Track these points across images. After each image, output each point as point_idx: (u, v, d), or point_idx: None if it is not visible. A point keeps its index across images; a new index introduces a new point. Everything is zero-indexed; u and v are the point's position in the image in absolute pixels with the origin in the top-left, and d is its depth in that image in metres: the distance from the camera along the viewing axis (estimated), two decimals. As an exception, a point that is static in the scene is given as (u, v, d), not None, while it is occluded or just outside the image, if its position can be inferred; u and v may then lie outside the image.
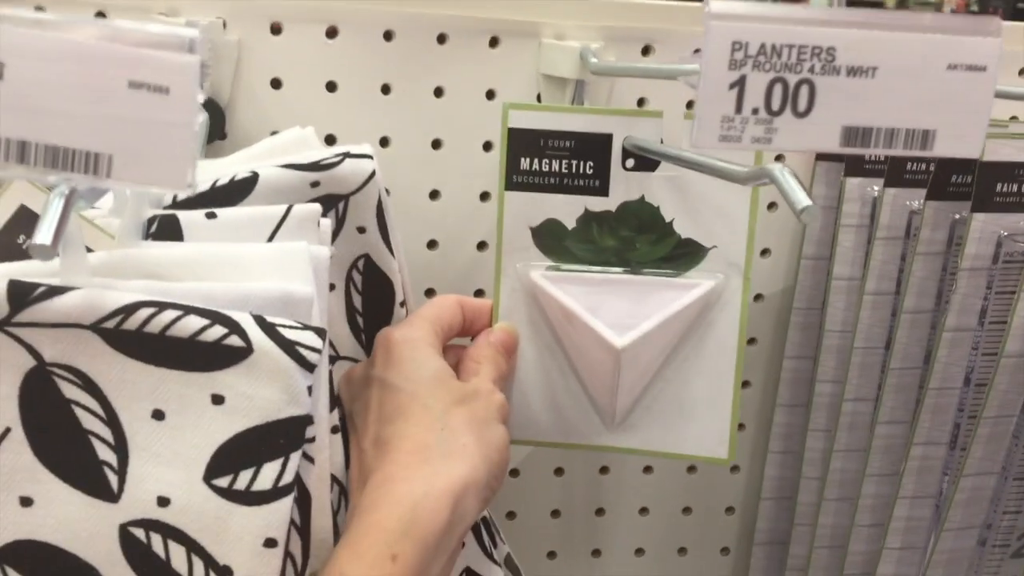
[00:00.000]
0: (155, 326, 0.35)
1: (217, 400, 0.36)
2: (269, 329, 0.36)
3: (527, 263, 0.52)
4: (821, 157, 0.66)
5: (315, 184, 0.45)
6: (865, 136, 0.31)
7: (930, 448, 0.58)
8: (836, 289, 0.64)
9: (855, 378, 0.63)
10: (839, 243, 0.64)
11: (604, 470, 0.71)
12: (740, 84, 0.30)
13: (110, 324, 0.34)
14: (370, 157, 0.46)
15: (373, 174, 0.46)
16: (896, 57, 0.31)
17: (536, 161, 0.51)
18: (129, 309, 0.35)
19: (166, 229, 0.40)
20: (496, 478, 0.45)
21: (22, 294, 0.33)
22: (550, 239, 0.52)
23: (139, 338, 0.35)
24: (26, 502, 0.34)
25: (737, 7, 0.29)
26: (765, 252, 0.69)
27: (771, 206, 0.68)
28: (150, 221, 0.40)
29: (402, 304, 0.49)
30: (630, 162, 0.51)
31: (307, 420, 0.37)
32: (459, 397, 0.45)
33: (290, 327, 0.36)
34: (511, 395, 0.53)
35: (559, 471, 0.70)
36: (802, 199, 0.32)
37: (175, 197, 0.44)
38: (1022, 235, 0.53)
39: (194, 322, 0.35)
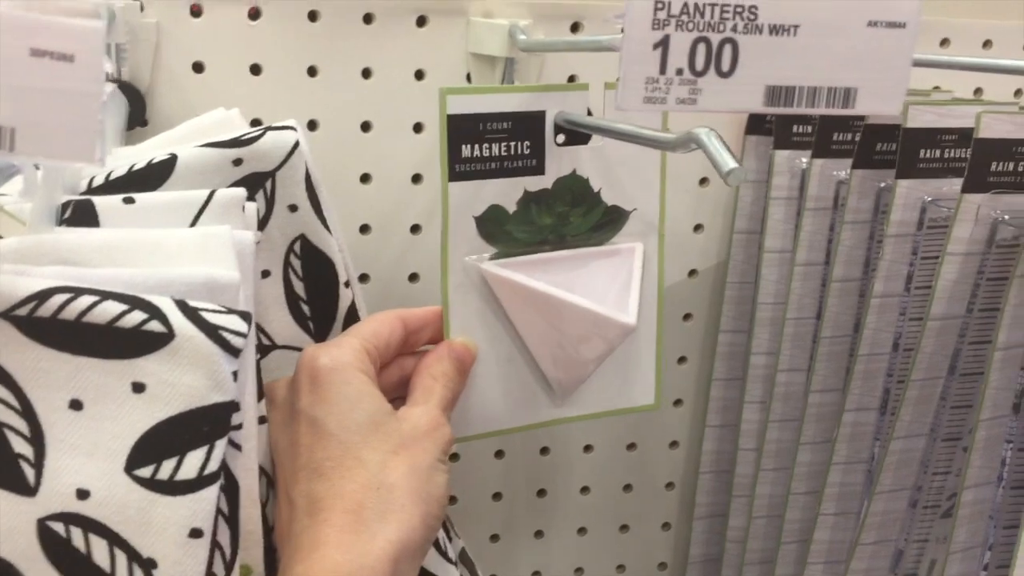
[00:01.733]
0: (70, 312, 0.34)
1: (138, 388, 0.34)
2: (191, 313, 0.35)
3: (474, 255, 0.52)
4: (751, 131, 0.66)
5: (237, 162, 0.44)
6: (788, 95, 0.31)
7: (861, 414, 0.58)
8: (768, 262, 0.65)
9: (788, 349, 0.63)
10: (769, 216, 0.65)
11: (545, 451, 0.71)
12: (664, 44, 0.30)
13: (23, 311, 0.33)
14: (293, 129, 0.45)
15: (296, 145, 0.45)
16: (817, 14, 0.31)
17: (476, 147, 0.50)
18: (43, 295, 0.33)
19: (81, 215, 0.39)
20: (433, 530, 0.42)
21: None
22: (492, 226, 0.51)
23: (54, 325, 0.34)
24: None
25: (659, -33, 0.29)
26: (698, 228, 0.69)
27: (703, 181, 0.68)
28: (64, 206, 0.39)
29: (347, 284, 0.48)
30: (560, 137, 0.51)
31: (232, 407, 0.36)
32: (397, 444, 0.41)
33: (213, 311, 0.35)
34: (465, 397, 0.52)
35: (500, 454, 0.70)
36: (728, 161, 0.32)
37: (90, 183, 0.42)
38: (945, 200, 0.54)
39: (112, 308, 0.34)
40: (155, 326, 0.34)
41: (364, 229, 0.63)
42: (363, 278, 0.64)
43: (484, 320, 0.52)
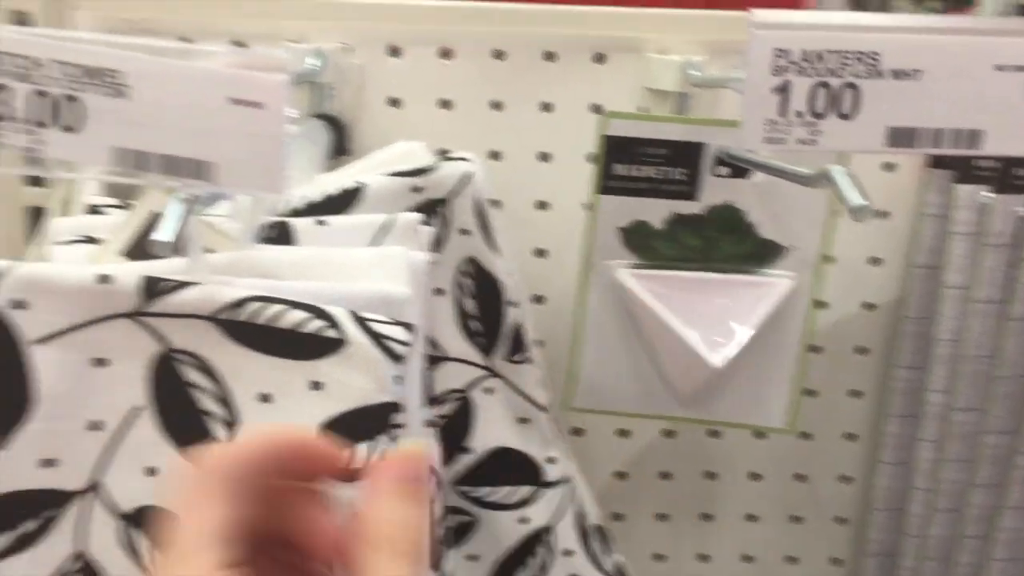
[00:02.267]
0: (263, 318, 0.39)
1: (316, 386, 0.40)
2: (361, 323, 0.40)
3: (615, 261, 0.55)
4: (934, 164, 0.65)
5: (417, 189, 0.49)
6: (911, 136, 0.32)
7: (1039, 459, 0.56)
8: (946, 297, 0.64)
9: (964, 388, 0.62)
10: (950, 251, 0.63)
11: (711, 475, 0.72)
12: (784, 89, 0.32)
13: (224, 315, 0.39)
14: (468, 160, 0.49)
15: (469, 175, 0.49)
16: (942, 59, 0.32)
17: (631, 167, 0.53)
18: (241, 302, 0.39)
19: (280, 234, 0.45)
20: None
21: (153, 287, 0.38)
22: (637, 238, 0.54)
23: (249, 328, 0.39)
24: (151, 472, 0.39)
25: (780, 16, 0.31)
26: (876, 261, 0.68)
27: (882, 215, 0.68)
28: (265, 227, 0.45)
29: (512, 303, 0.52)
30: (723, 170, 0.53)
31: (394, 407, 0.40)
32: None
33: (380, 322, 0.40)
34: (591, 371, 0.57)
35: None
36: (854, 198, 0.33)
37: (291, 207, 0.48)
38: None
39: (296, 315, 0.39)
40: (332, 333, 0.39)
41: (540, 253, 0.67)
42: (539, 299, 0.67)
43: (618, 317, 0.55)
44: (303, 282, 0.42)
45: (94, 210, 0.47)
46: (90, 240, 0.45)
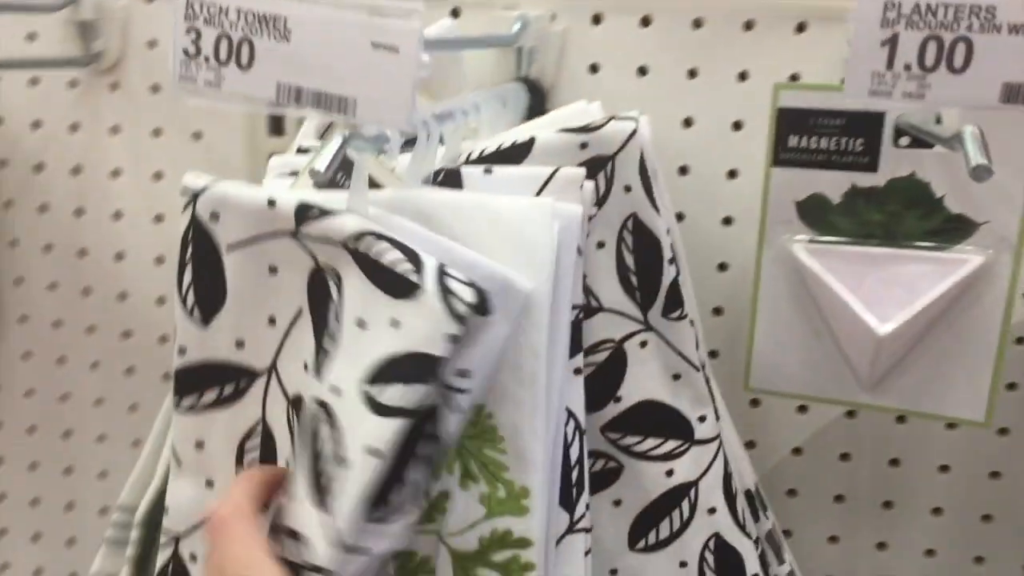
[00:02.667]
0: (373, 251, 0.42)
1: (394, 323, 0.41)
2: (441, 276, 0.41)
3: (790, 236, 0.55)
4: None
5: (583, 145, 0.51)
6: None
7: None
8: None
9: None
10: None
11: (894, 462, 0.70)
12: (892, 42, 0.31)
13: (351, 244, 0.43)
14: (634, 120, 0.51)
15: (634, 133, 0.51)
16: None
17: (804, 138, 0.53)
18: (361, 235, 0.42)
19: (448, 179, 0.49)
20: None
21: (303, 213, 0.43)
22: (814, 213, 0.54)
23: (364, 258, 0.42)
24: (304, 367, 0.45)
25: (891, -31, 0.31)
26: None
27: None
28: (437, 172, 0.49)
29: (671, 261, 0.53)
30: (904, 140, 0.52)
31: (438, 361, 0.40)
32: None
33: (459, 281, 0.41)
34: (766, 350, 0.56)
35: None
36: (976, 157, 0.32)
37: (468, 157, 0.52)
38: None
39: (395, 255, 0.41)
40: (415, 278, 0.41)
41: (727, 221, 0.67)
42: (722, 267, 0.68)
43: (794, 294, 0.55)
44: (443, 239, 0.44)
45: (300, 150, 0.54)
46: (293, 174, 0.51)
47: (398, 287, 0.41)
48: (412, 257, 0.41)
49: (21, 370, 0.82)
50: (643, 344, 0.54)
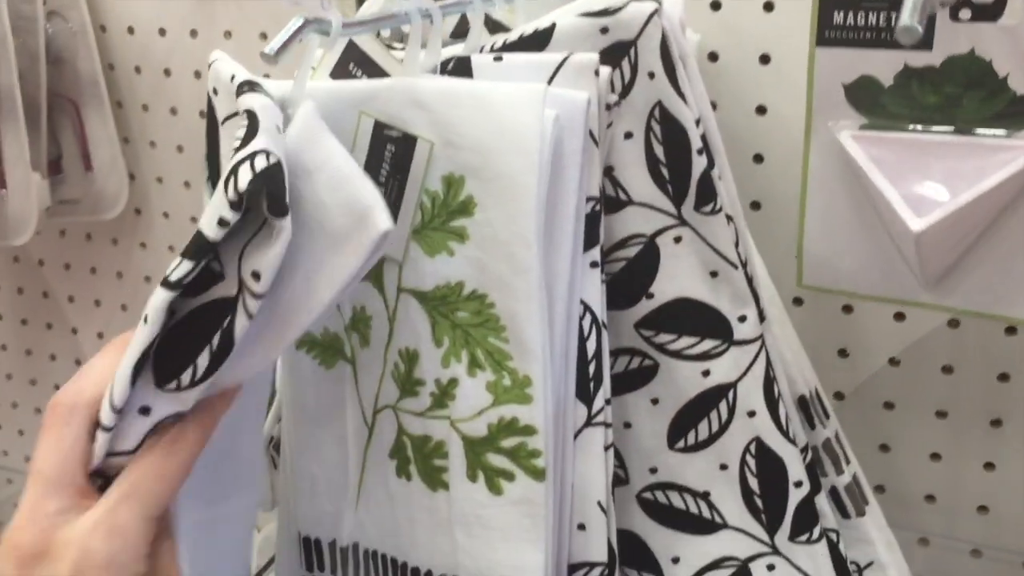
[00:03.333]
0: (236, 133, 0.39)
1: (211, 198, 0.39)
2: (240, 163, 0.37)
3: (838, 123, 0.50)
4: None
5: (604, 30, 0.49)
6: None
7: None
8: None
9: None
10: None
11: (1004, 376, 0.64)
12: None
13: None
14: (656, 1, 0.48)
15: (654, 14, 0.48)
16: None
17: (851, 14, 0.48)
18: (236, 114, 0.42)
19: (458, 68, 0.49)
20: None
21: (240, 88, 0.42)
22: (864, 96, 0.49)
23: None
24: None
25: None
26: None
27: None
28: (447, 61, 0.49)
29: (700, 152, 0.51)
30: (965, 12, 0.46)
31: (209, 243, 0.37)
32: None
33: (250, 168, 0.36)
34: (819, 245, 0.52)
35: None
36: (904, 16, 0.29)
37: (492, 46, 0.52)
38: None
39: (240, 141, 0.38)
40: (234, 159, 0.37)
41: (761, 110, 0.64)
42: (758, 159, 0.65)
43: (845, 186, 0.51)
44: (330, 150, 0.40)
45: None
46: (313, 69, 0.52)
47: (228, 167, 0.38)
48: (246, 142, 0.38)
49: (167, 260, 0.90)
50: (677, 239, 0.52)
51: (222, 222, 0.36)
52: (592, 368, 0.49)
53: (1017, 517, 0.67)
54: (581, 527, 0.49)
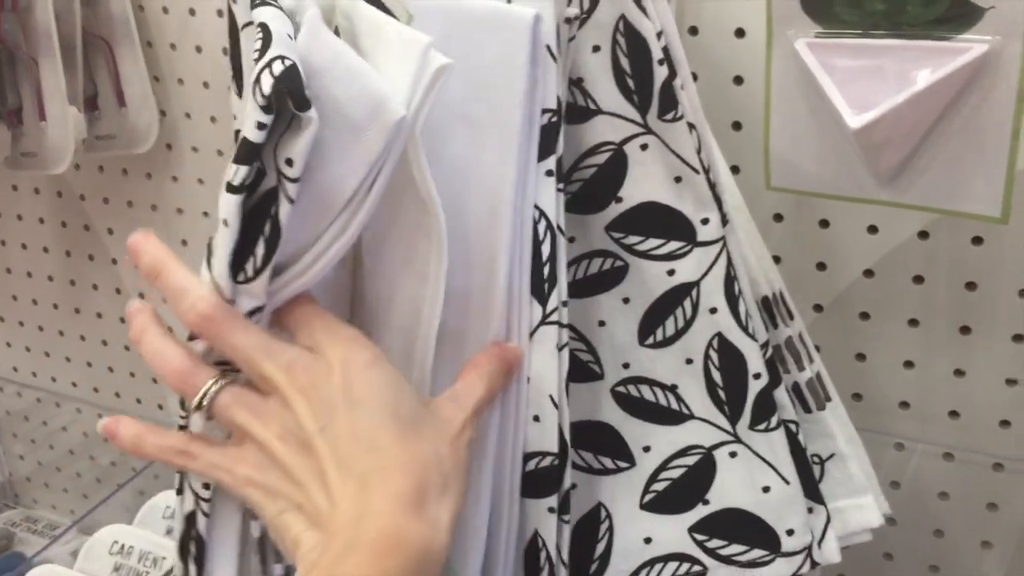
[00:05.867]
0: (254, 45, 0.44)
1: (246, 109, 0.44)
2: (263, 68, 0.42)
3: (796, 30, 0.54)
4: None
5: (570, -55, 0.53)
6: None
7: None
8: None
9: None
10: None
11: (971, 284, 0.67)
12: None
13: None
14: None
15: None
16: None
17: (806, -73, 0.51)
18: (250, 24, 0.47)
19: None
20: None
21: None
22: (819, 5, 0.52)
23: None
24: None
25: None
26: None
27: None
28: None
29: (660, 62, 0.54)
30: (907, -81, 0.49)
31: (254, 146, 0.42)
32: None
33: (270, 74, 0.41)
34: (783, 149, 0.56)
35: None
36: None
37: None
38: None
39: (259, 52, 0.43)
40: (255, 70, 0.42)
41: (740, 33, 0.66)
42: (738, 80, 0.67)
43: (804, 91, 0.54)
44: (338, 49, 0.44)
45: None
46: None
47: (251, 79, 0.43)
48: (263, 52, 0.43)
49: (199, 195, 0.96)
50: (644, 147, 0.56)
51: (260, 125, 0.42)
52: (547, 270, 0.52)
53: (985, 421, 0.70)
54: (536, 419, 0.53)
